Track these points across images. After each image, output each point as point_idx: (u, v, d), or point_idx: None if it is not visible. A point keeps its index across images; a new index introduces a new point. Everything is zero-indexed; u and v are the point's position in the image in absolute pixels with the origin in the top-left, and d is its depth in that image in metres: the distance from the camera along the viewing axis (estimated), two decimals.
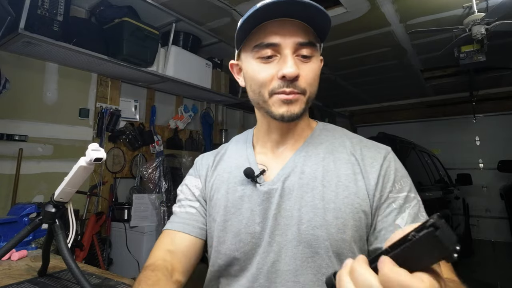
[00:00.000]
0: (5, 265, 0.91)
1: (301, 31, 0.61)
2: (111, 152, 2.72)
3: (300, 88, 0.61)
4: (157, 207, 2.59)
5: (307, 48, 0.61)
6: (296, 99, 0.62)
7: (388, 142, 0.75)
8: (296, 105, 0.62)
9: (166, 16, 2.60)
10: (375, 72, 4.18)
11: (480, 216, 5.18)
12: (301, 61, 0.62)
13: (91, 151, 0.63)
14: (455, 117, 5.47)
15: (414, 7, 2.51)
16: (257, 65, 0.63)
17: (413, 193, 0.63)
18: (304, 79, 0.62)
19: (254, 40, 0.63)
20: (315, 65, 0.64)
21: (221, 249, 0.67)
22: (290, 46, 0.60)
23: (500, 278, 3.34)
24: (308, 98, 0.64)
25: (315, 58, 0.64)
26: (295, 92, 0.61)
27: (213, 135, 3.85)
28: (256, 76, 0.63)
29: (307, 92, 0.63)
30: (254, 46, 0.63)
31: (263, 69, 0.62)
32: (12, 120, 2.11)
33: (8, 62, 2.08)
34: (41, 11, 1.87)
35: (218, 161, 0.77)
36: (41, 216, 0.72)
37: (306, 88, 0.62)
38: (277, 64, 0.61)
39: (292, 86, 0.60)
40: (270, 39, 0.61)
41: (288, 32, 0.60)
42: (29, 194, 2.17)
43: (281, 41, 0.60)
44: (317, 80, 0.65)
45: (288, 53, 0.60)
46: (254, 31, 0.63)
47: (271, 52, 0.61)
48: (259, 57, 0.63)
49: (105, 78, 2.69)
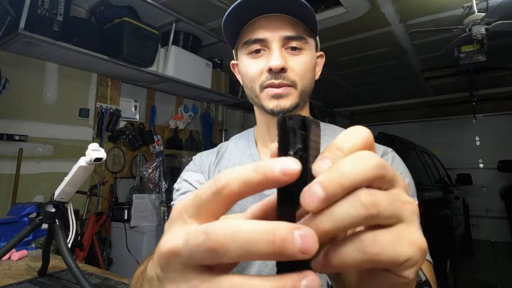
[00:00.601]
0: (5, 265, 0.91)
1: (289, 26, 0.61)
2: (111, 152, 2.72)
3: (290, 80, 0.61)
4: (157, 207, 2.60)
5: (295, 41, 0.62)
6: (286, 93, 0.61)
7: (388, 142, 0.74)
8: (287, 99, 0.61)
9: (166, 16, 2.60)
10: (375, 72, 4.18)
11: (480, 216, 5.18)
12: (290, 54, 0.62)
13: (91, 151, 0.63)
14: (455, 117, 5.47)
15: (414, 7, 2.51)
16: (248, 60, 0.65)
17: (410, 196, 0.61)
18: (293, 71, 0.61)
19: (244, 37, 0.64)
20: (305, 57, 0.63)
21: None
22: (277, 40, 0.61)
23: (500, 278, 3.34)
24: (301, 92, 0.63)
25: (306, 51, 0.63)
26: (284, 84, 0.61)
27: (213, 135, 3.85)
28: (247, 72, 0.65)
29: (298, 84, 0.62)
30: (244, 43, 0.64)
31: (252, 64, 0.64)
32: (12, 120, 2.12)
33: (8, 62, 2.08)
34: (41, 11, 1.87)
35: (220, 159, 0.76)
36: (41, 216, 0.72)
37: (296, 80, 0.62)
38: (265, 58, 0.62)
39: (280, 78, 0.60)
40: (257, 34, 0.62)
41: (275, 27, 0.61)
42: (29, 194, 2.17)
43: (268, 35, 0.61)
44: (310, 73, 0.65)
45: (275, 46, 0.61)
46: (244, 29, 0.64)
47: (259, 47, 0.62)
48: (248, 53, 0.64)
49: (105, 78, 2.69)
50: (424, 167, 3.17)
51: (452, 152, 5.44)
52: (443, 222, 2.82)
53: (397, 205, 0.19)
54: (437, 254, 0.52)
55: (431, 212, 1.82)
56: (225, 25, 0.63)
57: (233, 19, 0.62)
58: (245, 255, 0.16)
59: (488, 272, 3.58)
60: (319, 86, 4.67)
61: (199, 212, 0.19)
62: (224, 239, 0.16)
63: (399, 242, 0.18)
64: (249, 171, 0.18)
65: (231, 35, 0.66)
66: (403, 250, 0.18)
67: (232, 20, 0.62)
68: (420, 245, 0.19)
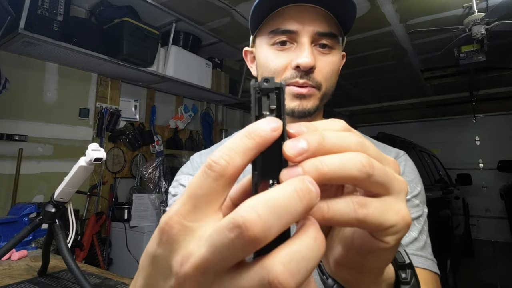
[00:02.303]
0: (5, 265, 0.91)
1: (323, 20, 0.55)
2: (111, 152, 2.72)
3: (315, 81, 0.56)
4: (157, 207, 2.60)
5: (327, 38, 0.56)
6: (310, 94, 0.56)
7: (388, 142, 0.74)
8: (309, 101, 0.56)
9: (166, 16, 2.60)
10: (375, 72, 4.18)
11: (480, 216, 5.18)
12: (320, 52, 0.57)
13: (91, 151, 0.63)
14: (455, 117, 5.47)
15: (414, 7, 2.51)
16: (271, 52, 0.58)
17: (418, 200, 0.59)
18: (321, 72, 0.56)
19: (270, 25, 0.58)
20: (334, 58, 0.58)
21: None
22: (308, 35, 0.55)
23: (500, 278, 3.34)
24: (324, 94, 0.58)
25: (336, 51, 0.58)
26: (309, 84, 0.55)
27: (213, 135, 3.85)
28: (268, 64, 0.58)
29: (323, 87, 0.57)
30: (270, 32, 0.57)
31: (276, 57, 0.57)
32: (12, 120, 2.11)
33: (8, 62, 2.08)
34: (41, 11, 1.87)
35: None
36: (41, 216, 0.72)
37: (322, 82, 0.57)
38: (292, 52, 0.56)
39: (306, 78, 0.55)
40: (287, 25, 0.56)
41: (308, 20, 0.55)
42: (29, 194, 2.17)
43: (299, 28, 0.55)
44: (335, 75, 0.60)
45: (305, 42, 0.55)
46: (271, 16, 0.58)
47: (287, 38, 0.56)
48: (273, 44, 0.58)
49: (105, 78, 2.69)
50: (424, 167, 3.16)
51: (452, 152, 5.44)
52: (443, 222, 2.82)
53: (388, 177, 0.20)
54: (437, 254, 0.53)
55: (431, 212, 1.83)
56: (256, 10, 0.57)
57: (262, 2, 0.56)
58: (285, 225, 0.16)
59: (488, 272, 3.58)
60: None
61: (202, 210, 0.17)
62: (261, 221, 0.15)
63: (387, 210, 0.20)
64: (244, 139, 0.18)
65: (255, 19, 0.59)
66: (389, 217, 0.20)
67: (261, 3, 0.56)
68: (404, 216, 0.21)
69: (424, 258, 0.53)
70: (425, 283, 0.49)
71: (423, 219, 0.57)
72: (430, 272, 0.52)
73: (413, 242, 0.53)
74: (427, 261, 0.53)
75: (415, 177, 0.62)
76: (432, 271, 0.53)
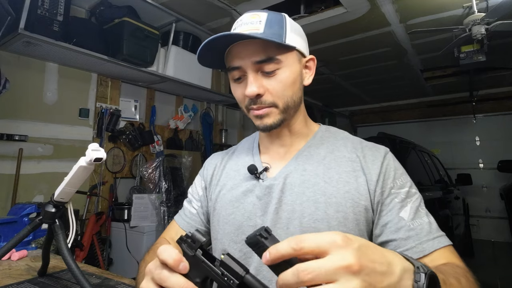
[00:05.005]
0: (5, 265, 0.91)
1: (260, 49, 0.62)
2: (111, 152, 2.72)
3: (267, 103, 0.64)
4: (157, 207, 2.60)
5: (267, 64, 0.62)
6: (266, 113, 0.65)
7: (388, 142, 0.75)
8: (268, 118, 0.65)
9: (166, 16, 2.60)
10: (375, 72, 4.18)
11: (480, 216, 5.18)
12: (266, 77, 0.64)
13: (91, 151, 0.63)
14: (455, 117, 5.47)
15: (414, 7, 2.51)
16: (233, 85, 0.69)
17: (414, 189, 0.66)
18: (271, 93, 0.64)
19: (227, 63, 0.68)
20: (283, 75, 0.64)
21: (225, 241, 0.71)
22: (249, 67, 0.63)
23: (500, 278, 3.34)
24: (284, 108, 0.66)
25: (282, 69, 0.64)
26: (262, 106, 0.64)
27: (213, 135, 3.85)
28: (234, 94, 0.70)
29: (279, 103, 0.65)
30: (227, 69, 0.67)
31: (236, 89, 0.68)
32: (12, 120, 2.12)
33: (8, 62, 2.08)
34: (41, 11, 1.87)
35: (227, 160, 0.82)
36: (41, 216, 0.72)
37: (275, 100, 0.64)
38: (244, 84, 0.65)
39: (258, 103, 0.64)
40: (234, 62, 0.65)
41: (247, 53, 0.63)
42: (29, 194, 2.17)
43: (242, 63, 0.63)
44: (291, 88, 0.65)
45: (249, 73, 0.63)
46: (226, 54, 0.67)
47: (238, 74, 0.65)
48: (232, 79, 0.68)
49: (105, 78, 2.69)
50: (424, 167, 3.16)
51: (452, 152, 5.44)
52: (443, 222, 2.82)
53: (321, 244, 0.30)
54: None
55: (431, 212, 1.83)
56: (202, 56, 0.66)
57: (211, 49, 0.64)
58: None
59: (488, 272, 3.58)
60: (319, 86, 4.67)
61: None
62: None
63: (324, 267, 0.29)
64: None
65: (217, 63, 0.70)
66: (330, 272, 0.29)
67: (211, 50, 0.65)
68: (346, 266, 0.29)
69: (439, 238, 0.59)
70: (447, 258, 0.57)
71: (423, 203, 0.65)
72: (447, 247, 0.58)
73: (430, 226, 0.60)
74: (442, 239, 0.59)
75: (403, 169, 0.70)
76: (448, 245, 0.59)
